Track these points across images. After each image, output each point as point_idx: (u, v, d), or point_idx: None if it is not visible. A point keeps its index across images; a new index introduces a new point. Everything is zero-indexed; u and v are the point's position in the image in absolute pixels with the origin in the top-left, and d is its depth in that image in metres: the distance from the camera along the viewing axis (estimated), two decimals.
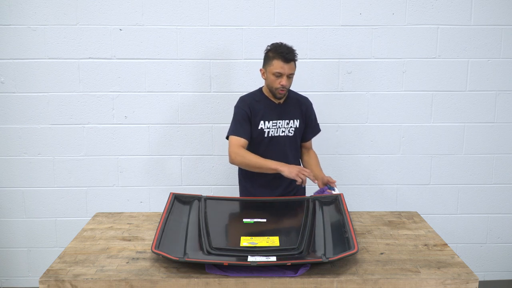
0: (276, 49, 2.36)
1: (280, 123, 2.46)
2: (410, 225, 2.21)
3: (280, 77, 2.36)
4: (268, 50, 2.42)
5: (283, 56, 2.33)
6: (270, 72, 2.38)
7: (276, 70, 2.35)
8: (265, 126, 2.44)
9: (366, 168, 3.14)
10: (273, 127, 2.45)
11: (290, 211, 2.16)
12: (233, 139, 2.40)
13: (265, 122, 2.44)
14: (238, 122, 2.43)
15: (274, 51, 2.36)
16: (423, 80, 3.05)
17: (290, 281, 1.68)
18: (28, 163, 3.07)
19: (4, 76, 2.97)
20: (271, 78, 2.38)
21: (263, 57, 2.44)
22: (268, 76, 2.41)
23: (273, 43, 2.42)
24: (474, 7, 2.98)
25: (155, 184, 3.12)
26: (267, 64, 2.40)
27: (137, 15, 2.94)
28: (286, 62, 2.34)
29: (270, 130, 2.45)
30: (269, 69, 2.38)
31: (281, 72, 2.35)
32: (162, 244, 1.82)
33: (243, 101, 2.48)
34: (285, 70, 2.34)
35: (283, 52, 2.33)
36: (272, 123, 2.45)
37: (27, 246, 3.16)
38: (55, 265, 1.79)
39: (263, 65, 2.46)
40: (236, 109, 2.48)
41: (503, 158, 3.16)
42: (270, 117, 2.45)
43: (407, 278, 1.70)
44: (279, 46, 2.37)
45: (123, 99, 3.02)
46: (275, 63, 2.35)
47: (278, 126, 2.46)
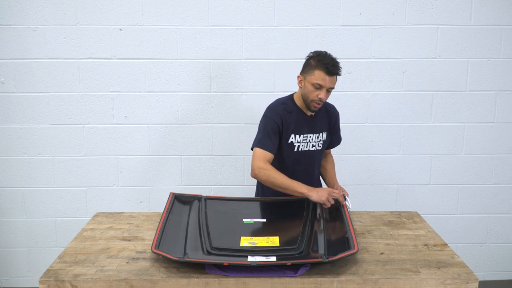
0: (320, 58, 2.18)
1: (311, 137, 2.31)
2: (410, 225, 2.21)
3: (319, 89, 2.17)
4: (310, 57, 2.23)
5: (327, 68, 2.14)
6: (309, 81, 2.19)
7: (317, 81, 2.16)
8: (296, 140, 2.28)
9: (366, 168, 3.14)
10: (303, 141, 2.30)
11: (290, 211, 2.16)
12: (258, 152, 2.21)
13: (296, 136, 2.28)
14: (266, 134, 2.23)
15: (318, 60, 2.18)
16: (423, 80, 3.05)
17: (290, 281, 1.68)
18: (28, 163, 3.07)
19: (4, 76, 2.97)
20: (309, 88, 2.19)
21: (304, 64, 2.26)
22: (305, 85, 2.21)
23: (317, 51, 2.23)
24: (474, 7, 2.98)
25: (155, 184, 3.12)
26: (307, 73, 2.20)
27: (137, 15, 2.94)
28: (329, 75, 2.15)
29: (300, 144, 2.29)
30: (309, 78, 2.19)
31: (321, 84, 2.16)
32: (162, 244, 1.82)
33: (275, 112, 2.27)
34: (326, 83, 2.16)
35: (327, 64, 2.14)
36: (302, 137, 2.29)
37: (27, 246, 3.16)
38: (55, 265, 1.79)
39: (302, 72, 2.26)
40: (266, 118, 2.28)
41: (503, 158, 3.16)
42: (301, 130, 2.28)
43: (407, 278, 1.70)
44: (324, 56, 2.18)
45: (123, 99, 3.02)
46: (317, 74, 2.16)
47: (308, 140, 2.30)
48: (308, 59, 2.25)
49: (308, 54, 2.26)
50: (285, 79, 3.01)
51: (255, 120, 3.04)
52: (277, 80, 3.02)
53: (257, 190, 2.51)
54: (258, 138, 2.27)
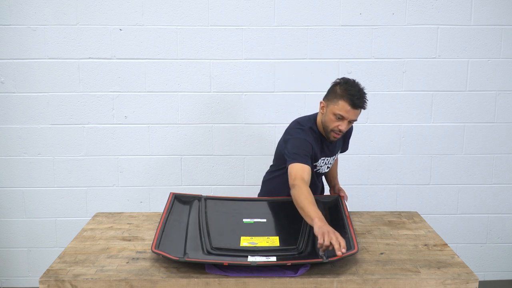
0: (347, 87, 2.06)
1: (328, 160, 2.28)
2: (410, 225, 2.21)
3: (341, 120, 2.08)
4: (337, 84, 2.12)
5: (353, 100, 2.04)
6: (331, 111, 2.09)
7: (339, 112, 2.06)
8: (318, 163, 2.25)
9: (366, 168, 3.14)
10: (323, 164, 2.27)
11: (290, 211, 2.15)
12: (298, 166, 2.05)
13: (318, 160, 2.24)
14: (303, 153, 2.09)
15: (344, 89, 2.06)
16: (423, 80, 3.05)
17: (290, 281, 1.68)
18: (28, 163, 3.07)
19: (4, 76, 2.97)
20: (330, 117, 2.10)
21: (328, 89, 2.16)
22: (327, 113, 2.11)
23: (345, 78, 2.13)
24: (474, 7, 2.98)
25: (155, 184, 3.12)
26: (331, 101, 2.10)
27: (137, 15, 2.94)
28: (353, 107, 2.05)
29: (321, 168, 2.28)
30: (332, 107, 2.08)
31: (344, 116, 2.06)
32: (162, 244, 1.82)
33: (309, 136, 2.16)
34: (349, 115, 2.06)
35: (354, 96, 2.04)
36: (321, 160, 2.25)
37: (27, 246, 3.16)
38: (55, 265, 1.79)
39: (326, 97, 2.15)
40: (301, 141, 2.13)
41: (503, 158, 3.16)
42: (322, 155, 2.24)
43: (407, 278, 1.70)
44: (352, 85, 2.07)
45: (123, 99, 3.02)
46: (341, 104, 2.05)
47: (325, 162, 2.27)
48: (334, 86, 2.14)
49: (335, 80, 2.16)
50: (285, 79, 3.01)
51: (255, 120, 3.05)
52: (277, 80, 3.02)
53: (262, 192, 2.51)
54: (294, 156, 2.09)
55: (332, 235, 1.72)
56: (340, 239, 1.71)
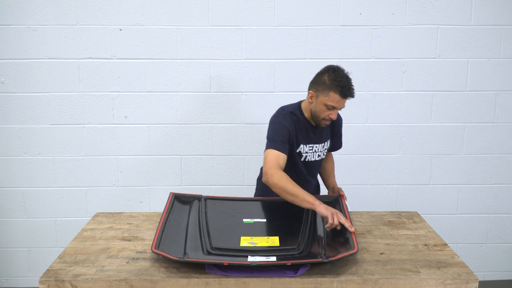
0: (335, 78, 2.08)
1: (317, 147, 2.29)
2: (410, 225, 2.21)
3: (332, 110, 2.13)
4: (324, 73, 2.13)
5: (343, 91, 2.07)
6: (322, 102, 2.12)
7: (331, 104, 2.10)
8: (303, 150, 2.25)
9: (366, 168, 3.14)
10: (310, 152, 2.27)
11: (290, 211, 2.16)
12: (271, 154, 2.10)
13: (304, 146, 2.25)
14: (279, 139, 2.14)
15: (333, 79, 2.08)
16: (423, 80, 3.05)
17: (290, 281, 1.68)
18: (28, 163, 3.07)
19: (4, 76, 2.97)
20: (321, 108, 2.13)
21: (316, 78, 2.17)
22: (317, 104, 2.15)
23: (332, 67, 2.13)
24: (474, 7, 2.98)
25: (155, 184, 3.12)
26: (321, 92, 2.12)
27: (137, 15, 2.94)
28: (344, 98, 2.10)
29: (307, 155, 2.27)
30: (322, 98, 2.11)
31: (335, 107, 2.11)
32: (162, 244, 1.82)
33: (286, 119, 2.20)
34: (340, 105, 2.12)
35: (344, 87, 2.07)
36: (309, 147, 2.26)
37: (27, 246, 3.16)
38: (55, 265, 1.79)
39: (314, 87, 2.16)
40: (277, 125, 2.19)
41: (503, 158, 3.16)
42: (308, 140, 2.25)
43: (407, 278, 1.70)
44: (341, 76, 2.09)
45: (123, 99, 3.02)
46: (332, 96, 2.08)
47: (314, 150, 2.28)
48: (321, 75, 2.15)
49: (321, 69, 2.17)
50: (285, 79, 3.01)
51: (255, 120, 3.05)
52: (277, 80, 3.02)
53: (257, 190, 2.51)
54: (269, 142, 2.16)
55: (340, 215, 1.91)
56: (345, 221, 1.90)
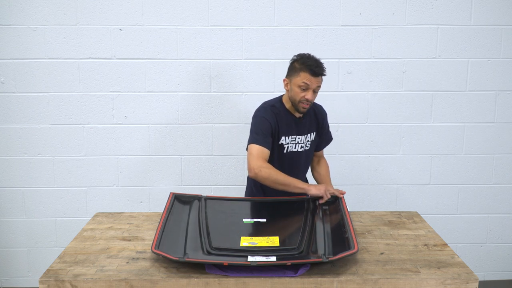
0: (304, 60, 2.21)
1: (299, 138, 2.35)
2: (410, 225, 2.21)
3: (306, 90, 2.21)
4: (294, 61, 2.27)
5: (312, 69, 2.18)
6: (295, 84, 2.23)
7: (303, 81, 2.20)
8: (285, 141, 2.32)
9: (366, 168, 3.14)
10: (291, 142, 2.34)
11: (290, 211, 2.16)
12: (254, 149, 2.22)
13: (285, 138, 2.32)
14: (260, 133, 2.26)
15: (302, 62, 2.21)
16: (423, 80, 3.05)
17: (290, 281, 1.68)
18: (28, 163, 3.07)
19: (4, 76, 2.97)
20: (296, 90, 2.23)
21: (288, 67, 2.30)
22: (292, 88, 2.25)
23: (300, 53, 2.28)
24: (474, 7, 2.98)
25: (155, 184, 3.12)
26: (293, 75, 2.25)
27: (137, 15, 2.94)
28: (314, 76, 2.19)
29: (289, 146, 2.33)
30: (295, 80, 2.23)
31: (308, 84, 2.20)
32: (162, 244, 1.82)
33: (267, 113, 2.30)
34: (312, 83, 2.20)
35: (311, 65, 2.18)
36: (291, 138, 2.33)
37: (27, 246, 3.16)
38: (55, 265, 1.79)
39: (287, 75, 2.30)
40: (258, 119, 2.30)
41: (503, 158, 3.16)
42: (290, 132, 2.33)
43: (407, 278, 1.70)
44: (307, 58, 2.22)
45: (123, 99, 3.02)
46: (302, 75, 2.20)
47: (296, 141, 2.35)
48: (292, 63, 2.28)
49: (292, 58, 2.30)
50: None
51: None
52: (277, 80, 3.02)
53: (249, 190, 2.52)
54: (253, 136, 2.28)
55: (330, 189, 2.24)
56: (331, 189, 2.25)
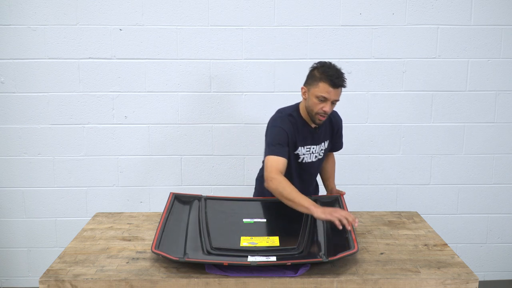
0: (324, 70, 2.11)
1: (314, 148, 2.28)
2: (410, 225, 2.21)
3: (324, 102, 2.12)
4: (314, 68, 2.18)
5: (332, 80, 2.08)
6: (313, 94, 2.13)
7: (321, 94, 2.10)
8: (301, 152, 2.25)
9: (366, 168, 3.14)
10: (307, 153, 2.27)
11: (290, 211, 2.16)
12: (271, 160, 2.11)
13: (301, 148, 2.25)
14: (278, 143, 2.15)
15: (322, 71, 2.11)
16: (423, 80, 3.05)
17: (290, 281, 1.68)
18: (28, 163, 3.07)
19: (4, 76, 2.97)
20: (313, 101, 2.14)
21: (307, 75, 2.22)
22: (310, 98, 2.16)
23: (322, 61, 2.18)
24: (474, 7, 2.98)
25: (155, 184, 3.12)
26: (312, 85, 2.15)
27: (137, 15, 2.94)
28: (333, 87, 2.09)
29: (304, 156, 2.27)
30: (313, 90, 2.13)
31: (326, 97, 2.10)
32: (162, 244, 1.82)
33: (284, 123, 2.20)
34: (331, 96, 2.10)
35: (332, 76, 2.09)
36: (306, 149, 2.26)
37: (27, 246, 3.16)
38: (55, 265, 1.79)
39: (306, 83, 2.21)
40: (276, 129, 2.19)
41: (503, 158, 3.16)
42: (305, 142, 2.25)
43: (407, 278, 1.71)
44: (329, 67, 2.12)
45: (123, 99, 3.02)
46: (321, 86, 2.10)
47: (311, 151, 2.27)
48: (312, 70, 2.19)
49: (312, 65, 2.21)
50: (285, 79, 3.01)
51: (255, 120, 3.05)
52: (277, 80, 3.02)
53: (256, 191, 2.51)
54: (270, 147, 2.15)
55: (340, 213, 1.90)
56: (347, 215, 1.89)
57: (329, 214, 1.89)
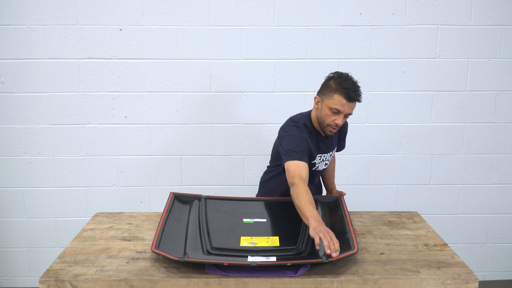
0: (341, 82, 2.06)
1: (325, 156, 2.28)
2: (410, 225, 2.21)
3: (337, 114, 2.08)
4: (331, 78, 2.12)
5: (348, 93, 2.04)
6: (327, 105, 2.09)
7: (335, 106, 2.06)
8: (317, 161, 2.25)
9: (366, 168, 3.14)
10: (319, 161, 2.26)
11: (290, 211, 2.16)
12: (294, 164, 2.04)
13: (316, 157, 2.24)
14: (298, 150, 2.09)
15: (339, 83, 2.06)
16: (423, 80, 3.05)
17: (290, 281, 1.68)
18: (28, 163, 3.07)
19: (4, 76, 2.97)
20: (326, 112, 2.10)
21: (323, 83, 2.17)
22: (322, 108, 2.12)
23: (339, 72, 2.13)
24: (474, 7, 2.98)
25: (155, 184, 3.12)
26: (326, 95, 2.10)
27: (137, 15, 2.94)
28: (348, 101, 2.06)
29: (318, 165, 2.27)
30: (327, 101, 2.09)
31: (339, 110, 2.06)
32: (162, 244, 1.82)
33: (304, 132, 2.16)
34: (345, 109, 2.07)
35: (348, 89, 2.04)
36: (318, 157, 2.25)
37: (27, 246, 3.16)
38: (55, 265, 1.79)
39: (320, 92, 2.16)
40: (296, 138, 2.13)
41: (503, 158, 3.16)
42: (318, 150, 2.24)
43: (407, 278, 1.71)
44: (346, 79, 2.07)
45: (123, 99, 3.02)
46: (336, 98, 2.06)
47: (322, 159, 2.27)
48: (327, 80, 2.14)
49: (328, 74, 2.16)
50: (285, 79, 3.01)
51: (255, 120, 3.05)
52: (277, 80, 3.02)
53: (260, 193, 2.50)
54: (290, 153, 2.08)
55: (326, 235, 1.74)
56: (334, 241, 1.73)
57: (316, 234, 1.77)
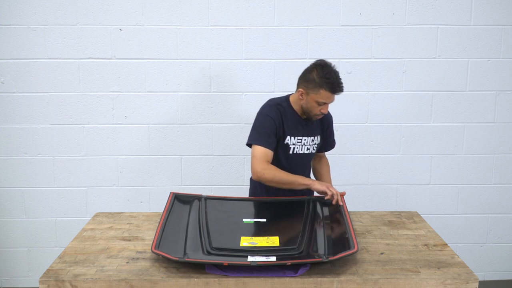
0: (326, 76, 2.13)
1: (306, 140, 2.31)
2: (410, 225, 2.21)
3: (323, 105, 2.19)
4: (312, 70, 2.19)
5: (333, 88, 2.14)
6: (313, 99, 2.17)
7: (323, 101, 2.17)
8: (291, 142, 2.28)
9: (366, 168, 3.14)
10: (298, 144, 2.30)
11: (290, 211, 2.16)
12: (258, 150, 2.19)
13: (291, 138, 2.28)
14: (264, 133, 2.21)
15: (323, 77, 2.13)
16: (423, 80, 3.05)
17: (290, 281, 1.68)
18: (28, 163, 3.07)
19: (4, 76, 2.97)
20: (313, 104, 2.19)
21: (305, 75, 2.22)
22: (308, 101, 2.20)
23: (321, 63, 2.19)
24: (474, 7, 2.98)
25: (155, 184, 3.12)
26: (311, 90, 2.17)
27: (137, 15, 2.94)
28: (334, 93, 2.17)
29: (295, 147, 2.29)
30: (313, 96, 2.17)
31: (326, 102, 2.19)
32: (162, 244, 1.82)
33: (272, 111, 2.25)
34: (331, 100, 2.19)
35: (333, 84, 2.13)
36: (297, 139, 2.29)
37: (27, 246, 3.16)
38: (55, 265, 1.79)
39: (303, 84, 2.21)
40: (263, 117, 2.26)
41: (503, 158, 3.16)
42: (296, 132, 2.28)
43: (407, 278, 1.71)
44: (329, 73, 2.14)
45: (123, 99, 3.02)
46: (323, 93, 2.15)
47: (303, 143, 2.31)
48: (310, 72, 2.19)
49: (310, 65, 2.22)
50: (285, 79, 3.01)
51: None
52: (277, 80, 3.02)
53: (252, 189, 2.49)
54: (255, 135, 2.23)
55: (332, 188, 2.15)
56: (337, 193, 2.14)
57: (326, 187, 2.14)
